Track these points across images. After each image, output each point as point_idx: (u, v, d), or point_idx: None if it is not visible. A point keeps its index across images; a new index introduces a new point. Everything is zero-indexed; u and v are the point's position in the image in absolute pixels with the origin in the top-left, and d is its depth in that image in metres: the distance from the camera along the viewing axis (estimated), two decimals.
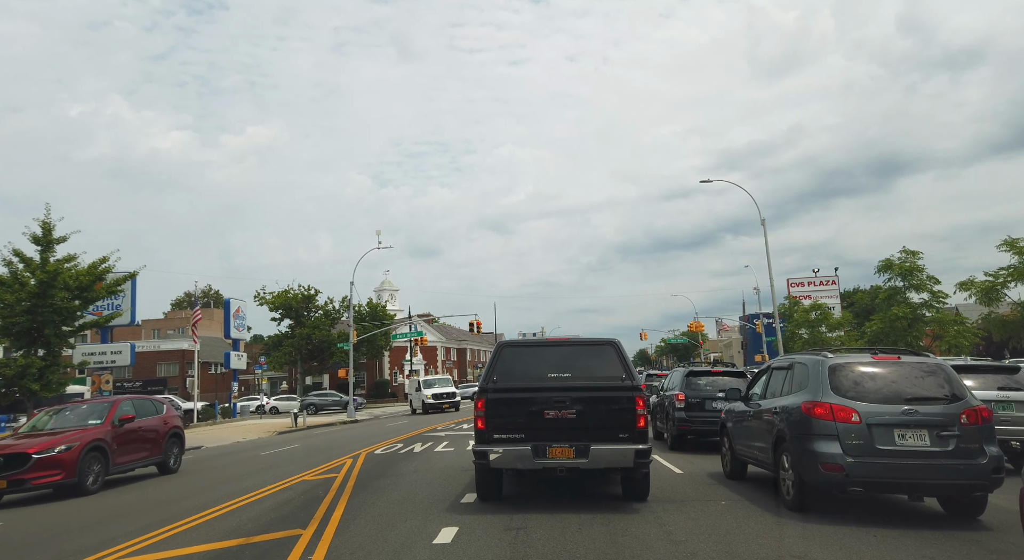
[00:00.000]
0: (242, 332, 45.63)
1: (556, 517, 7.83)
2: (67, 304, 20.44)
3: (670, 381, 17.20)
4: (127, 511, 10.21)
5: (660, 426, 16.72)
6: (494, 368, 8.71)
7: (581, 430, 8.15)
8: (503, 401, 8.42)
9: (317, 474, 12.89)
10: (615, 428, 8.16)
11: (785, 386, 8.74)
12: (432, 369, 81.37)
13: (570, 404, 8.21)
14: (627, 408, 8.19)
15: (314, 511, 8.81)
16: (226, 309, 44.03)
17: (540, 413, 8.23)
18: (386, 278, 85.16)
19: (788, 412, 8.13)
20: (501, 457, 8.21)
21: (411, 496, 9.75)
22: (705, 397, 14.77)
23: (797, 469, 7.70)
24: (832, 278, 56.48)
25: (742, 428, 10.05)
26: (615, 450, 8.07)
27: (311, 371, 71.53)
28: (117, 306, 33.40)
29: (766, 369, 10.06)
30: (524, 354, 9.00)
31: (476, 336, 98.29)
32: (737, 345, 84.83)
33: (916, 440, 7.13)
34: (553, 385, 8.39)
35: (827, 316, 41.97)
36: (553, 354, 8.90)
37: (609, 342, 8.90)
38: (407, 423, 31.11)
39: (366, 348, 69.67)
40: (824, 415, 7.43)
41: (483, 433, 8.39)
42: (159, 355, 71.41)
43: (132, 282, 33.80)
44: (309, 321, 65.29)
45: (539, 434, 8.19)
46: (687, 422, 14.63)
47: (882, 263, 32.06)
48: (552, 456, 8.10)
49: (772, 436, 8.50)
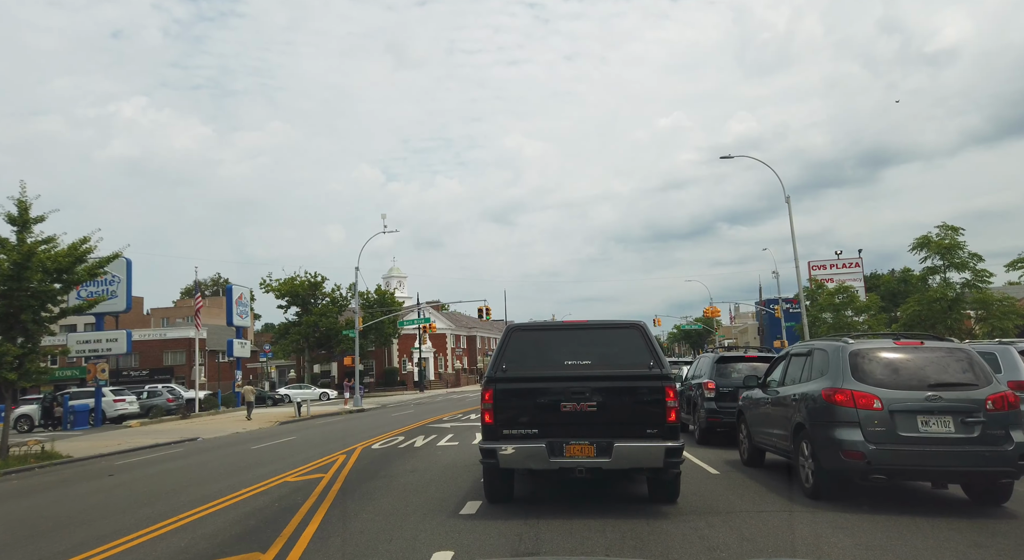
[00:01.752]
0: (245, 319, 44.38)
1: (577, 535, 6.31)
2: (46, 287, 19.05)
3: (697, 368, 15.80)
4: (65, 520, 8.79)
5: (686, 417, 15.33)
6: (503, 354, 7.67)
7: (603, 425, 7.23)
8: (514, 392, 7.48)
9: (303, 474, 11.46)
10: (642, 423, 7.23)
11: (804, 373, 8.56)
12: (441, 356, 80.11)
13: (590, 395, 7.27)
14: (656, 400, 7.23)
15: (284, 525, 7.34)
16: (228, 296, 42.76)
17: (556, 406, 7.29)
18: (394, 265, 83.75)
19: (808, 399, 8.00)
20: (512, 456, 7.26)
21: (402, 505, 8.27)
22: (738, 386, 13.12)
23: (817, 457, 7.57)
24: (855, 260, 54.26)
25: (760, 415, 9.88)
26: (642, 448, 7.12)
27: (319, 359, 70.50)
28: (112, 292, 32.15)
29: (784, 356, 9.83)
30: (537, 339, 7.98)
31: (486, 323, 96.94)
32: (753, 331, 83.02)
33: (940, 427, 7.00)
34: (571, 374, 7.43)
35: (853, 299, 39.96)
36: (570, 339, 7.90)
37: (634, 325, 7.89)
38: (412, 413, 29.77)
39: (374, 336, 68.58)
40: (845, 402, 7.30)
41: (491, 428, 7.41)
42: (166, 344, 70.38)
43: (127, 268, 32.52)
44: (316, 308, 64.14)
45: (555, 429, 7.26)
46: (718, 413, 13.28)
47: (918, 240, 30.03)
48: (570, 455, 7.17)
49: (791, 423, 8.36)
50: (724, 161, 33.52)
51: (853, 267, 53.65)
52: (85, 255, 20.28)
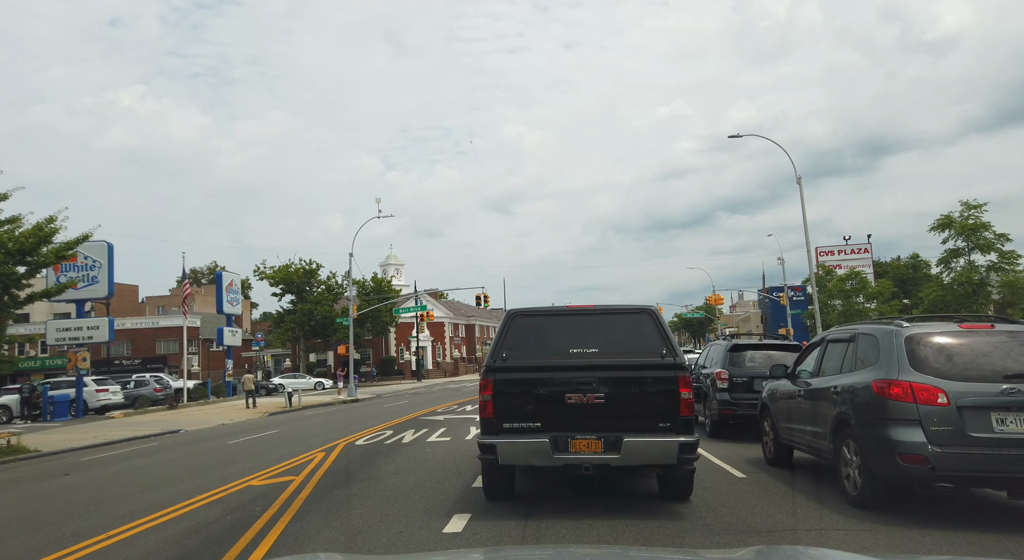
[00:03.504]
0: (236, 307, 43.03)
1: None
2: (6, 270, 17.72)
3: (708, 357, 14.89)
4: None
5: (696, 409, 13.85)
6: (503, 342, 7.10)
7: (611, 418, 6.67)
8: (515, 382, 6.91)
9: (271, 476, 10.14)
10: (654, 416, 6.66)
11: (847, 361, 7.49)
12: (439, 345, 78.89)
13: (598, 386, 6.70)
14: (669, 391, 6.68)
15: (228, 548, 6.02)
16: (218, 283, 41.38)
17: (560, 397, 6.73)
18: (392, 252, 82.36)
19: (853, 392, 6.94)
20: (513, 451, 6.74)
21: (377, 519, 6.95)
22: (754, 376, 12.41)
23: (867, 460, 6.53)
24: (864, 245, 52.63)
25: (789, 410, 8.80)
26: (654, 443, 6.58)
27: (315, 348, 69.21)
28: (93, 277, 30.78)
29: (819, 342, 8.75)
30: (540, 325, 7.36)
31: (485, 312, 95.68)
32: (756, 319, 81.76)
33: (1020, 425, 5.98)
34: (576, 363, 6.87)
35: (865, 284, 38.40)
36: (576, 325, 7.30)
37: (645, 309, 7.31)
38: (407, 404, 28.50)
39: (371, 324, 67.31)
40: (902, 396, 6.26)
41: (490, 422, 6.84)
42: (159, 332, 69.06)
43: (108, 252, 31.13)
44: (311, 296, 62.80)
45: (559, 423, 6.70)
46: (732, 405, 12.43)
47: (940, 220, 28.37)
48: (576, 450, 6.63)
49: (831, 420, 7.28)
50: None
51: (862, 252, 52.08)
52: (51, 236, 18.93)
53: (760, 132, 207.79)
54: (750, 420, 11.73)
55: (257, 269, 63.22)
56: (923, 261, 47.57)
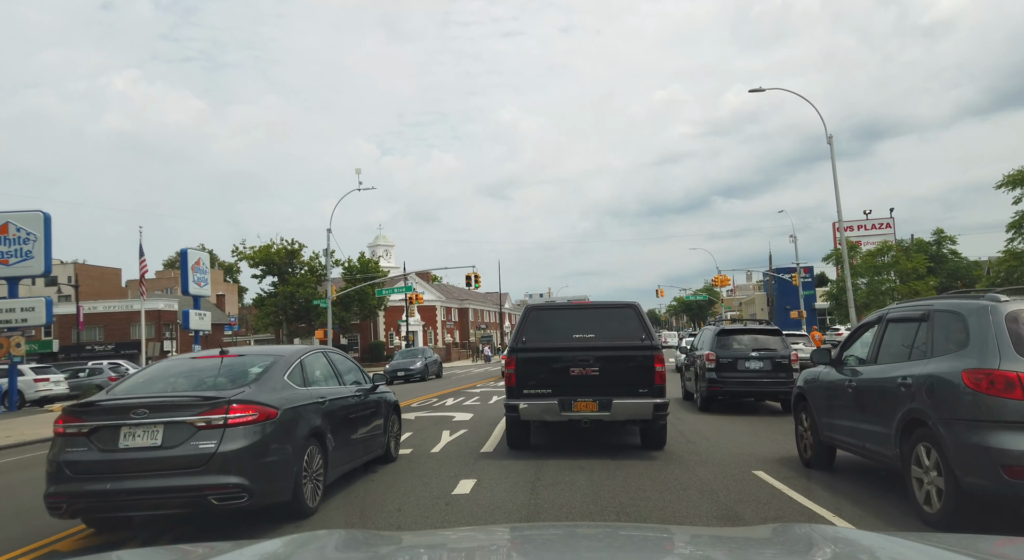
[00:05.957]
0: (204, 287, 39.31)
1: None
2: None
3: (700, 340, 16.67)
4: None
5: (690, 386, 16.24)
6: (523, 329, 9.29)
7: (604, 386, 8.86)
8: (532, 360, 9.11)
9: None
10: (635, 384, 8.87)
11: (918, 346, 6.20)
12: (431, 330, 75.51)
13: (594, 362, 8.92)
14: (647, 366, 8.89)
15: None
16: (183, 261, 37.59)
17: (566, 370, 8.95)
18: (381, 233, 78.71)
19: (932, 384, 5.67)
20: (530, 409, 8.95)
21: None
22: (737, 357, 14.12)
23: (952, 470, 5.26)
24: (887, 221, 48.80)
25: (835, 403, 7.65)
26: (635, 404, 8.78)
27: (298, 333, 65.75)
28: (27, 252, 27.15)
29: (876, 320, 7.42)
30: (550, 316, 9.66)
31: (479, 296, 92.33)
32: (761, 302, 78.45)
33: None
34: (578, 345, 9.04)
35: (899, 259, 34.56)
36: (577, 316, 9.63)
37: (630, 305, 9.54)
38: None
39: (358, 307, 64.05)
40: (1005, 391, 5.03)
41: (513, 389, 9.11)
42: (134, 316, 65.38)
43: (45, 224, 27.47)
44: (293, 278, 59.27)
45: (565, 389, 8.91)
46: (718, 383, 14.09)
47: (1010, 177, 24.61)
48: (577, 409, 8.83)
49: (897, 418, 6.05)
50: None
51: (884, 228, 48.34)
52: None
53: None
54: (736, 395, 14.38)
55: (235, 249, 59.71)
56: (948, 237, 44.18)
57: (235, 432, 5.65)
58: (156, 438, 5.58)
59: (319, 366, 7.75)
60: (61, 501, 5.55)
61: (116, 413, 5.72)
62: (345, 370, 8.41)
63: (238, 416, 5.70)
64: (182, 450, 5.53)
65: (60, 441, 5.75)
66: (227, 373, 6.53)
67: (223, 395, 5.86)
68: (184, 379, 6.57)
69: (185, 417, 5.63)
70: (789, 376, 13.43)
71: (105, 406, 5.84)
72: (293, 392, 6.63)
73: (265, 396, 6.11)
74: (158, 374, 6.82)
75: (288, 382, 6.69)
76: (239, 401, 5.80)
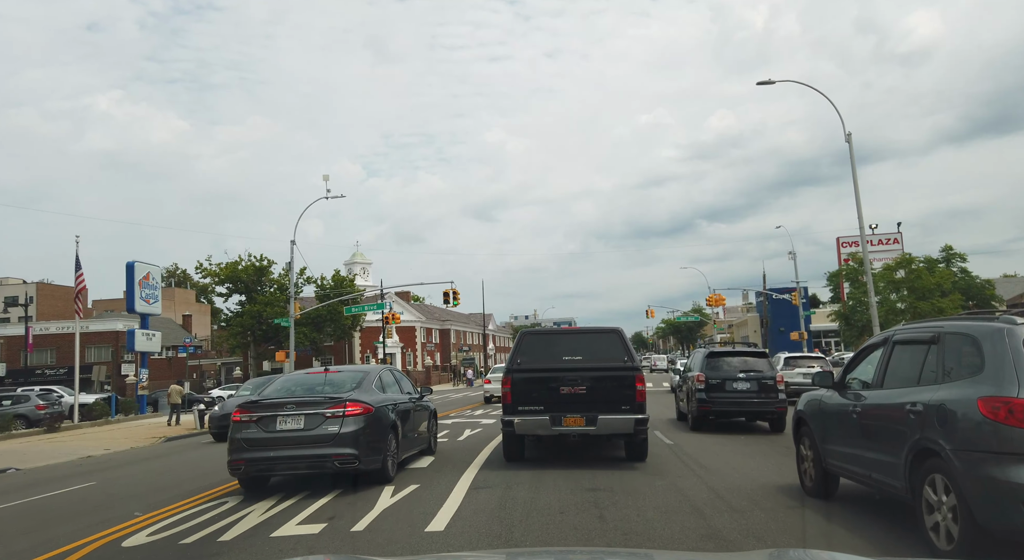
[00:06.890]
0: (154, 304, 35.64)
1: None
2: None
3: (691, 362, 17.13)
4: None
5: (683, 407, 16.64)
6: (518, 352, 10.39)
7: (590, 403, 9.83)
8: (526, 380, 10.10)
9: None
10: (619, 401, 9.83)
11: (927, 370, 5.83)
12: (410, 352, 71.72)
13: (581, 382, 9.93)
14: (629, 385, 9.89)
15: None
16: (128, 275, 33.83)
17: (557, 389, 9.95)
18: (358, 250, 75.10)
19: (945, 412, 5.32)
20: (524, 424, 9.97)
21: None
22: (725, 378, 14.72)
23: (968, 505, 4.93)
24: (894, 236, 46.17)
25: (839, 430, 7.12)
26: (618, 419, 9.76)
27: (267, 354, 61.73)
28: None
29: (881, 342, 6.86)
30: (543, 341, 10.87)
31: (461, 316, 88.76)
32: (753, 323, 75.63)
33: None
34: (567, 366, 10.08)
35: (920, 274, 31.63)
36: (567, 340, 10.84)
37: (613, 330, 10.66)
38: None
39: (332, 328, 60.55)
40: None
41: (509, 406, 10.12)
42: (88, 337, 61.08)
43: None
44: (261, 297, 55.42)
45: (556, 406, 9.89)
46: (708, 403, 14.65)
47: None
48: (566, 424, 9.84)
49: (906, 447, 5.72)
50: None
51: (892, 244, 45.64)
52: None
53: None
54: (725, 415, 14.99)
55: (199, 266, 55.79)
56: (957, 254, 41.61)
57: (350, 420, 8.61)
58: (300, 423, 8.63)
59: (388, 379, 10.66)
60: (240, 464, 8.63)
61: (273, 408, 8.77)
62: (403, 382, 11.35)
63: (351, 409, 8.68)
64: (317, 431, 8.56)
65: (237, 426, 8.75)
66: (331, 383, 9.52)
67: (341, 396, 8.88)
68: (303, 387, 9.57)
69: (318, 410, 8.66)
70: (775, 396, 14.36)
71: (266, 403, 8.88)
72: (379, 396, 9.59)
73: (365, 397, 9.12)
74: (286, 385, 9.83)
75: (375, 389, 9.68)
76: (351, 400, 8.80)
